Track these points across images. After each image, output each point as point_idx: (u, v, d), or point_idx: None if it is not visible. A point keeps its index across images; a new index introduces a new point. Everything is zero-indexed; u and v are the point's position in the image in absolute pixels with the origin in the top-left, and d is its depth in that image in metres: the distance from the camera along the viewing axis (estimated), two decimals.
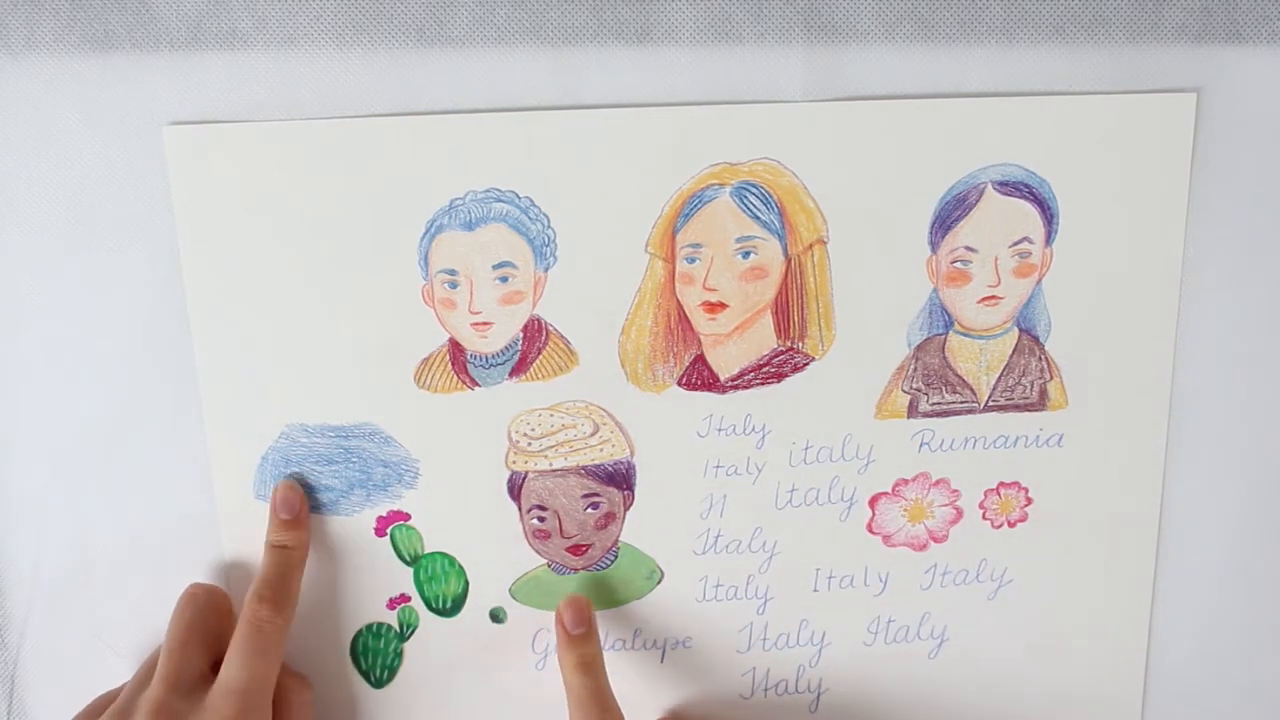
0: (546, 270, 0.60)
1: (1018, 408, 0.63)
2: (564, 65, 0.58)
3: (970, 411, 0.63)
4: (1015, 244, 0.60)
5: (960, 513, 0.65)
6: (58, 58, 0.57)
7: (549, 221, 0.59)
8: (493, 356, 0.61)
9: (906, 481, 0.64)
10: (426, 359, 0.61)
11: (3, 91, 0.58)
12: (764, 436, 0.63)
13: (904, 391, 0.62)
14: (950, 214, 0.60)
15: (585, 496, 0.63)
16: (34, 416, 0.63)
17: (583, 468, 0.63)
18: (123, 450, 0.63)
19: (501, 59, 0.58)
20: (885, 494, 0.64)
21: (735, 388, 0.62)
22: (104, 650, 0.66)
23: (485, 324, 0.61)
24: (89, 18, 0.57)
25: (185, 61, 0.58)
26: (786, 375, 0.62)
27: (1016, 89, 0.59)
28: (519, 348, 0.61)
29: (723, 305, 0.61)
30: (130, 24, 0.57)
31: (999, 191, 0.59)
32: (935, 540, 0.65)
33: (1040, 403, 0.63)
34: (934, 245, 0.60)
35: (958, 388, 0.62)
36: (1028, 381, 0.62)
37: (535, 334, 0.61)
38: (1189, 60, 0.59)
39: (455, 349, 0.61)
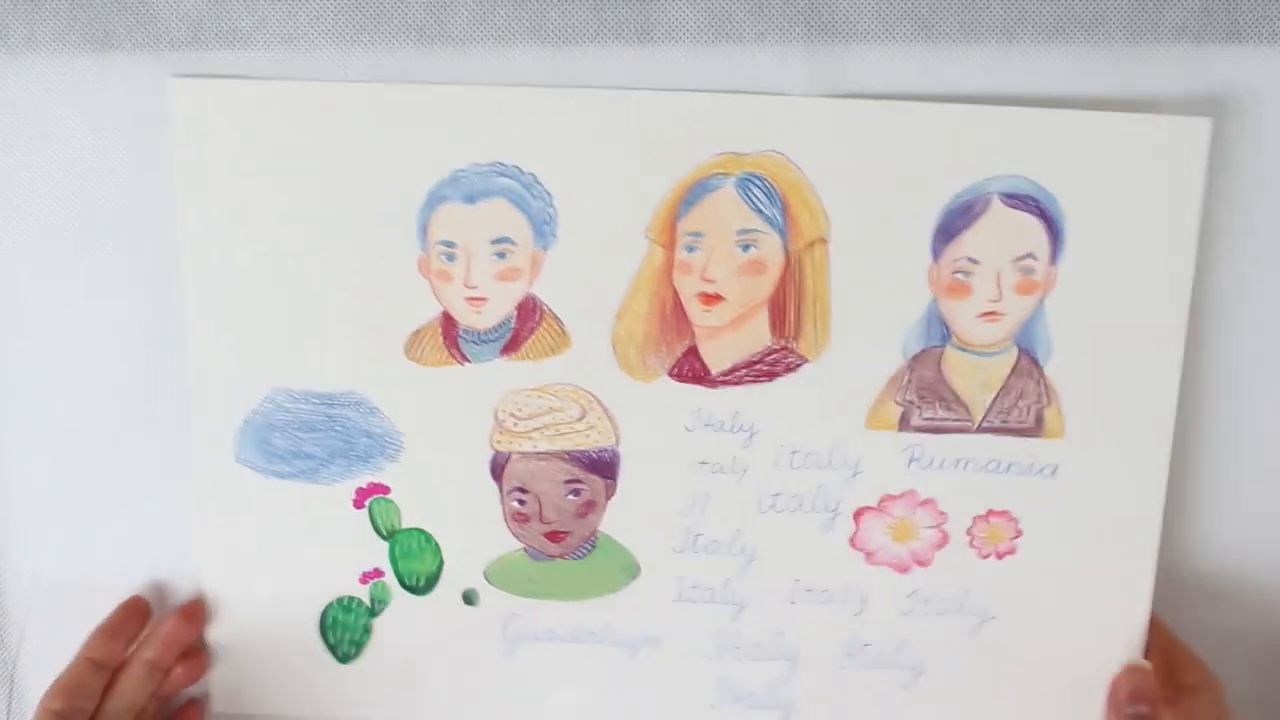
0: (545, 249, 0.60)
1: (1012, 432, 0.61)
2: (564, 65, 0.58)
3: (963, 430, 0.61)
4: (1019, 259, 0.59)
5: (946, 537, 0.63)
6: (58, 58, 0.59)
7: (551, 199, 0.59)
8: (485, 333, 0.61)
9: (893, 498, 0.62)
10: (418, 331, 0.61)
11: (3, 91, 0.59)
12: (751, 436, 0.62)
13: (896, 403, 0.61)
14: (954, 222, 0.59)
15: (567, 482, 0.63)
16: (34, 416, 0.64)
17: (567, 452, 0.62)
18: (123, 449, 0.64)
19: (502, 58, 0.58)
20: (871, 508, 0.63)
21: (726, 383, 0.61)
22: None
23: (480, 299, 0.60)
24: (89, 18, 0.58)
25: (185, 61, 0.59)
26: (779, 374, 0.61)
27: (1017, 89, 0.58)
28: (512, 325, 0.61)
29: (719, 297, 0.60)
30: (130, 24, 0.58)
31: (1005, 203, 0.58)
32: (919, 563, 0.63)
33: (1036, 429, 0.61)
34: (936, 254, 0.59)
35: (952, 404, 0.61)
36: (1024, 405, 0.61)
37: (529, 313, 0.61)
38: (1190, 60, 0.58)
39: (448, 322, 0.61)
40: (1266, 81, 0.58)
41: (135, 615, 0.64)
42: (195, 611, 0.65)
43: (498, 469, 0.63)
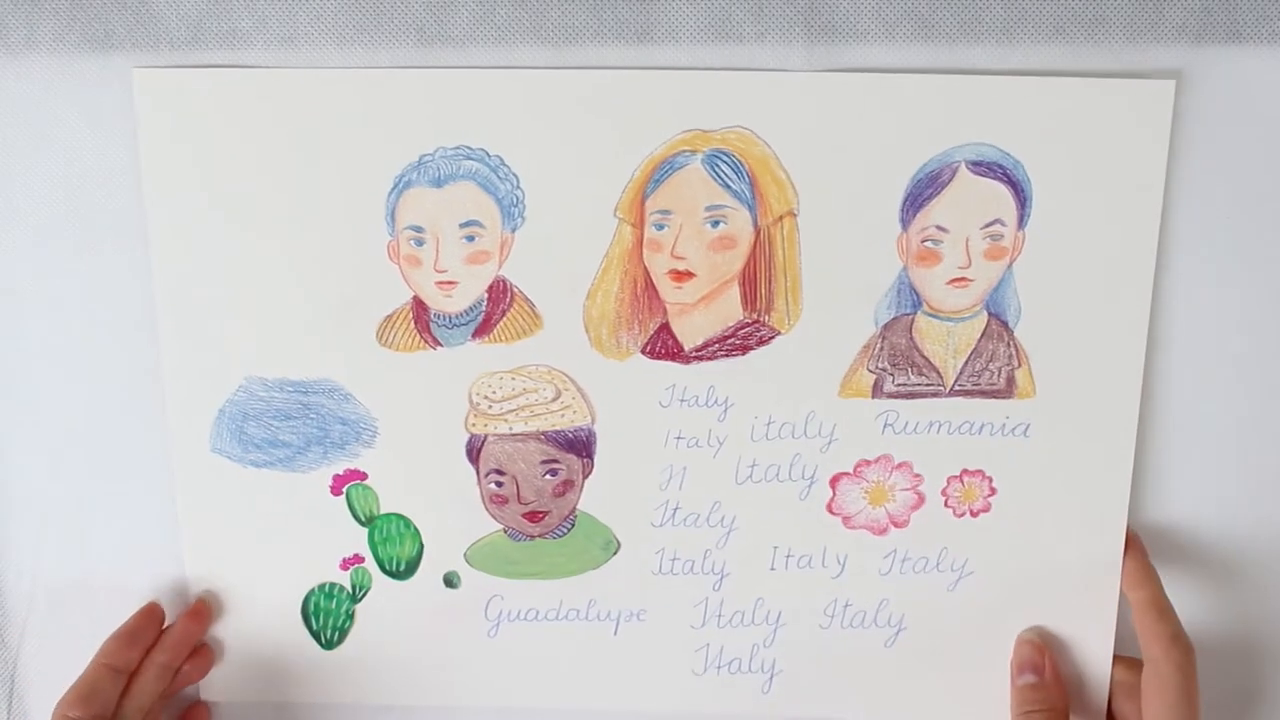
0: (514, 231, 0.59)
1: (984, 394, 0.62)
2: (564, 65, 0.58)
3: (936, 394, 0.62)
4: (987, 225, 0.59)
5: (922, 498, 0.64)
6: (58, 58, 0.58)
7: (518, 181, 0.59)
8: (456, 316, 0.61)
9: (868, 463, 0.63)
10: (389, 316, 0.61)
11: (3, 91, 0.59)
12: (726, 409, 0.62)
13: (869, 370, 0.62)
14: (922, 192, 0.59)
15: (544, 462, 0.63)
16: (34, 416, 0.63)
17: (543, 433, 0.62)
18: (123, 449, 0.64)
19: (502, 58, 0.58)
20: (846, 474, 0.63)
21: (699, 358, 0.61)
22: None
23: (450, 283, 0.60)
24: (89, 18, 0.58)
25: (185, 61, 0.58)
26: (751, 348, 0.61)
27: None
28: (483, 308, 0.61)
29: (690, 274, 0.60)
30: (130, 24, 0.58)
31: (972, 171, 0.59)
32: (896, 525, 0.64)
33: (1008, 390, 0.62)
34: (905, 223, 0.59)
35: (924, 370, 0.62)
36: (995, 367, 0.61)
37: (500, 295, 0.60)
38: (1190, 60, 0.58)
39: (419, 307, 0.61)
40: (1266, 81, 0.58)
41: (152, 621, 0.64)
42: (203, 611, 0.65)
43: (474, 452, 0.63)
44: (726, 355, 0.61)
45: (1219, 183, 0.60)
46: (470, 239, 0.59)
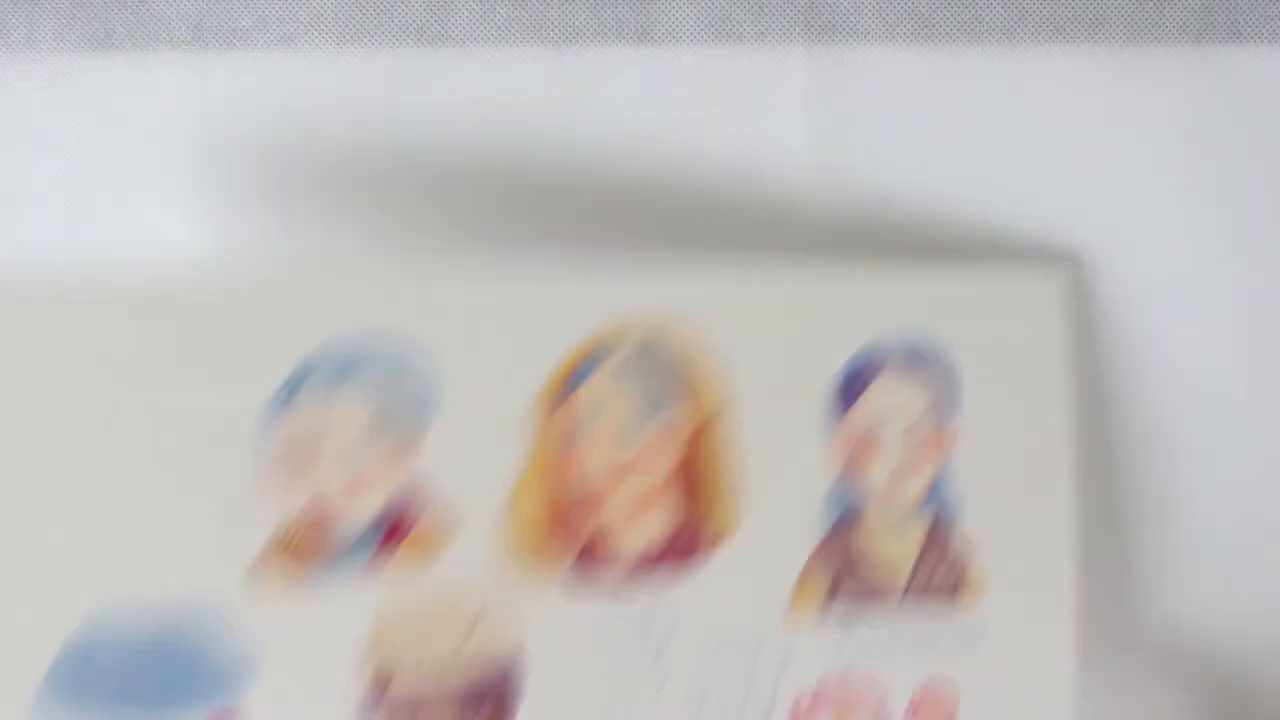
0: (427, 428, 0.53)
1: (936, 592, 0.58)
2: (564, 64, 0.59)
3: (888, 598, 0.57)
4: (919, 418, 0.58)
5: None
6: (58, 58, 0.59)
7: (434, 373, 0.53)
8: (360, 524, 0.52)
9: (828, 678, 0.56)
10: (277, 531, 0.51)
11: (3, 91, 0.59)
12: (670, 631, 0.55)
13: (819, 576, 0.56)
14: (852, 386, 0.57)
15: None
16: None
17: (456, 677, 0.52)
18: None
19: (501, 58, 0.59)
20: (809, 694, 0.56)
21: (636, 570, 0.54)
22: None
23: (354, 484, 0.52)
24: (89, 18, 0.59)
25: (185, 61, 0.59)
26: (692, 557, 0.55)
27: (1017, 89, 0.60)
28: (391, 515, 0.52)
29: (621, 474, 0.55)
30: (130, 24, 0.59)
31: (901, 363, 0.58)
32: None
33: (959, 588, 0.58)
34: (840, 418, 0.57)
35: (874, 571, 0.57)
36: (945, 566, 0.58)
37: (410, 500, 0.53)
38: (1190, 60, 0.61)
39: (315, 517, 0.52)
40: (1266, 81, 0.61)
41: None
42: None
43: (373, 700, 0.52)
44: (665, 566, 0.55)
45: (1219, 184, 0.62)
46: (378, 434, 0.53)
